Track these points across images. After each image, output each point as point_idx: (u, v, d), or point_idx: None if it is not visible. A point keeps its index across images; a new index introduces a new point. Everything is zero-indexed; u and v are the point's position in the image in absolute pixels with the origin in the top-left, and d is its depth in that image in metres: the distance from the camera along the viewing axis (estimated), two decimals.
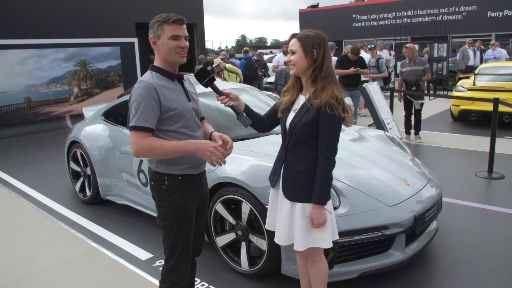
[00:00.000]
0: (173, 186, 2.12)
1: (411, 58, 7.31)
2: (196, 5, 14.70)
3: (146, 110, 1.97)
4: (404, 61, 7.52)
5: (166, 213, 2.14)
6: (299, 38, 2.18)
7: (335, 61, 7.94)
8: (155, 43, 2.08)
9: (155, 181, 2.15)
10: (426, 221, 3.06)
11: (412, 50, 7.30)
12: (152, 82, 2.02)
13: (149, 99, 1.98)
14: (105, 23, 11.41)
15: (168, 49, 2.05)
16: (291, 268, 2.78)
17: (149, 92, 1.99)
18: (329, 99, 2.08)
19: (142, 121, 1.96)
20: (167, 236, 2.16)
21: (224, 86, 4.77)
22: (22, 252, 3.65)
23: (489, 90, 8.12)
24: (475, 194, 4.77)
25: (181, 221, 2.15)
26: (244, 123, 2.29)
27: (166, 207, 2.13)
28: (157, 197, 2.16)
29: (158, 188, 2.14)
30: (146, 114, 1.97)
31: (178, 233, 2.14)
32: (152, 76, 2.07)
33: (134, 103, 1.99)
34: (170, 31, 2.03)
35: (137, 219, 4.27)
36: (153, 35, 2.07)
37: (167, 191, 2.12)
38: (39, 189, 5.29)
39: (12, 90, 9.04)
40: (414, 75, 7.26)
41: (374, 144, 3.87)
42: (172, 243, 2.15)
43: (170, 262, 2.17)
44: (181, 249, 2.16)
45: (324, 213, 2.17)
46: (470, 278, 3.07)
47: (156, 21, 2.06)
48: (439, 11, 21.99)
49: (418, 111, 7.37)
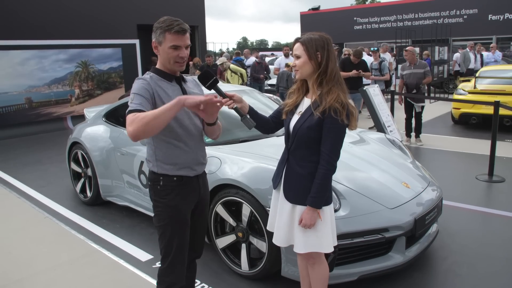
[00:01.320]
0: (168, 186, 2.15)
1: (411, 61, 7.32)
2: (197, 7, 14.72)
3: (141, 98, 2.00)
4: (405, 64, 7.53)
5: (161, 214, 2.17)
6: (302, 42, 2.17)
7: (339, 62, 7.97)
8: (157, 48, 2.11)
9: (152, 181, 2.19)
10: (426, 224, 3.06)
11: (412, 53, 7.32)
12: (148, 79, 2.08)
13: (143, 90, 2.03)
14: (106, 24, 11.43)
15: (168, 57, 2.08)
16: (291, 270, 2.78)
17: (143, 85, 2.04)
18: (334, 103, 2.08)
19: (137, 105, 1.97)
20: (162, 237, 2.19)
21: (226, 88, 4.77)
22: (22, 253, 3.66)
23: (489, 93, 8.13)
24: (475, 197, 4.77)
25: (175, 222, 2.16)
26: (248, 125, 2.28)
27: (161, 208, 2.16)
28: (153, 197, 2.20)
29: (154, 188, 2.18)
30: (140, 100, 1.99)
31: (172, 233, 2.16)
32: (150, 75, 2.12)
33: (131, 95, 2.03)
34: (171, 41, 2.04)
35: (137, 220, 4.27)
36: (155, 40, 2.10)
37: (162, 192, 2.15)
38: (40, 190, 5.30)
39: (14, 90, 9.06)
40: (415, 78, 7.27)
41: (374, 146, 3.87)
42: (167, 244, 2.17)
43: (165, 263, 2.19)
44: (175, 249, 2.17)
45: (316, 216, 2.17)
46: (470, 281, 3.07)
47: (160, 27, 2.06)
48: (440, 14, 21.99)
49: (419, 114, 7.37)
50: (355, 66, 7.83)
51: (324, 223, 2.21)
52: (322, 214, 2.19)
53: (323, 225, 2.21)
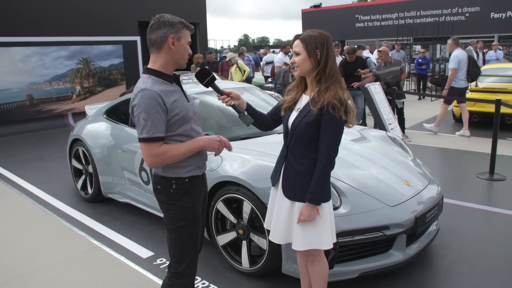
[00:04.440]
0: (181, 189, 2.10)
1: (386, 61, 7.60)
2: (198, 4, 14.70)
3: (156, 120, 1.93)
4: (380, 64, 7.80)
5: (176, 216, 2.11)
6: (302, 39, 2.17)
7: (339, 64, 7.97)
8: (173, 43, 2.01)
9: (162, 185, 2.11)
10: (427, 221, 3.06)
11: (386, 53, 7.63)
12: (156, 90, 1.96)
13: (156, 107, 1.93)
14: (108, 21, 11.43)
15: (183, 54, 2.07)
16: (291, 267, 2.79)
17: (155, 101, 1.93)
18: (332, 100, 2.08)
19: (154, 132, 1.92)
20: (177, 240, 2.12)
21: (224, 85, 4.77)
22: (24, 249, 3.67)
23: (491, 91, 8.11)
24: (476, 196, 4.77)
25: (192, 223, 2.13)
26: (246, 122, 2.29)
27: (175, 210, 2.10)
28: (165, 201, 2.12)
29: (166, 192, 2.11)
30: (156, 124, 1.93)
31: (189, 235, 2.13)
32: (152, 81, 2.00)
33: (142, 113, 1.92)
34: (188, 37, 2.07)
35: (138, 217, 4.28)
36: (174, 35, 2.01)
37: (175, 195, 2.10)
38: (41, 187, 5.30)
39: (15, 87, 9.06)
40: (394, 75, 7.53)
41: (375, 144, 3.87)
42: (182, 247, 2.12)
43: (180, 267, 2.13)
44: (192, 252, 2.15)
45: (314, 213, 2.17)
46: (471, 279, 3.07)
47: (179, 22, 2.02)
48: (442, 11, 21.95)
49: (401, 110, 7.63)
50: (353, 64, 7.83)
51: (323, 219, 2.21)
52: (321, 211, 2.19)
53: (322, 221, 2.21)
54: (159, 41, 2.01)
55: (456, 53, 7.80)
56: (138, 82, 2.05)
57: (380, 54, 7.75)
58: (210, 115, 4.13)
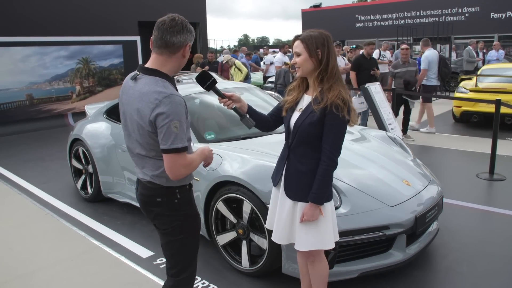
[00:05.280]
0: (185, 197, 2.02)
1: (406, 60, 7.58)
2: (198, 4, 14.69)
3: (186, 128, 1.86)
4: (397, 62, 7.75)
5: (182, 226, 2.02)
6: (302, 39, 2.17)
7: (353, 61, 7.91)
8: (187, 52, 1.95)
9: (165, 197, 1.98)
10: (427, 221, 3.06)
11: (408, 52, 7.62)
12: (181, 96, 1.87)
13: (185, 115, 1.85)
14: (108, 21, 11.42)
15: (187, 57, 1.99)
16: (291, 267, 2.79)
17: (184, 108, 1.85)
18: (336, 99, 2.08)
19: (184, 141, 1.84)
20: (181, 250, 2.04)
21: (225, 85, 4.77)
22: (23, 249, 3.67)
23: (491, 91, 8.11)
24: (476, 196, 4.77)
25: (195, 231, 2.09)
26: (248, 124, 2.28)
27: (181, 220, 2.01)
28: (168, 213, 2.00)
29: (169, 203, 1.99)
30: (185, 132, 1.85)
31: (195, 242, 2.08)
32: (173, 87, 1.90)
33: (174, 121, 1.78)
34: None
35: (138, 217, 4.28)
36: (190, 44, 1.94)
37: (180, 204, 2.00)
38: (41, 186, 5.30)
39: (15, 87, 9.06)
40: (410, 75, 7.53)
41: (375, 144, 3.87)
42: (187, 256, 2.07)
43: (186, 272, 2.07)
44: (195, 258, 2.11)
45: (317, 213, 2.17)
46: (471, 279, 3.08)
47: (193, 30, 1.96)
48: (442, 12, 21.94)
49: (410, 110, 7.62)
50: (369, 61, 7.70)
51: (325, 219, 2.21)
52: (323, 211, 2.19)
53: (325, 221, 2.21)
54: (177, 46, 1.89)
55: (426, 54, 8.06)
56: (150, 85, 1.85)
57: (404, 52, 7.58)
58: (210, 115, 4.13)
